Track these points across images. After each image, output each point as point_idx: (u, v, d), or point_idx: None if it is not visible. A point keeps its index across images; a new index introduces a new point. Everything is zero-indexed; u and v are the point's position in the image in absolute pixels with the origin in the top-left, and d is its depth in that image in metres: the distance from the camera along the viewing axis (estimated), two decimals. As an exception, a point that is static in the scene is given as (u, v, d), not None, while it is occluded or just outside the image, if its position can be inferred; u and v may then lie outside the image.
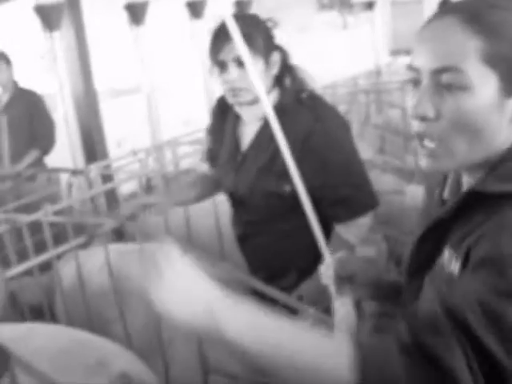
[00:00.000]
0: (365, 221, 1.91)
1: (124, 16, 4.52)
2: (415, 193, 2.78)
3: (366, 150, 3.58)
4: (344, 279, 1.23)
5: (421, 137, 0.93)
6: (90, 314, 2.11)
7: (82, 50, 4.15)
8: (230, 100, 1.90)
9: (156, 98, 4.80)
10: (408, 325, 0.82)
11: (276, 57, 1.88)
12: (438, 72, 0.89)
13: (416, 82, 0.93)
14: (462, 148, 0.90)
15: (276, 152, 1.84)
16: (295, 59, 2.00)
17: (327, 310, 1.81)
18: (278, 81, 1.90)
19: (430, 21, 0.93)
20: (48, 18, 3.73)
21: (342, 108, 4.79)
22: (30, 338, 1.75)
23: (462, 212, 0.94)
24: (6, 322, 2.00)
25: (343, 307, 1.21)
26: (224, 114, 2.09)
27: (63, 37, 3.92)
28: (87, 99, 4.20)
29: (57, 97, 4.14)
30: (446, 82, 0.89)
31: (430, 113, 0.90)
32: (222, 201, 2.40)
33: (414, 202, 2.77)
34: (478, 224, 0.88)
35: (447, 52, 0.88)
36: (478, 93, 0.88)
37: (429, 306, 0.84)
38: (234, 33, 1.21)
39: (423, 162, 0.96)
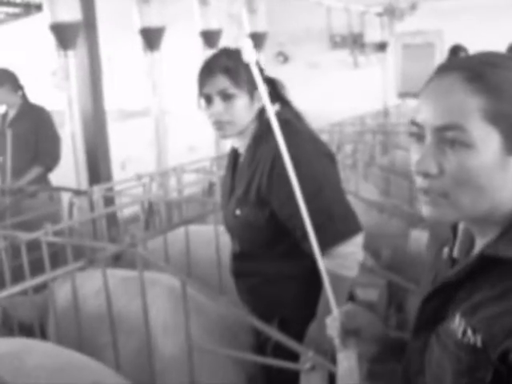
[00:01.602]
0: (347, 249, 1.80)
1: (139, 40, 4.53)
2: (419, 238, 2.75)
3: (370, 192, 3.56)
4: (350, 332, 1.20)
5: (424, 191, 0.94)
6: (81, 337, 2.08)
7: (95, 70, 4.15)
8: (217, 133, 1.92)
9: (164, 122, 4.80)
10: None
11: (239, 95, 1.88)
12: (440, 129, 0.90)
13: (419, 137, 0.94)
14: (465, 202, 0.91)
15: (250, 182, 1.86)
16: (304, 95, 2.00)
17: (327, 354, 1.78)
18: (261, 113, 1.90)
19: (433, 78, 0.95)
20: (63, 36, 3.74)
21: (347, 147, 4.80)
22: (26, 354, 1.73)
23: (472, 275, 0.93)
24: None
25: (347, 361, 1.17)
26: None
27: (77, 55, 3.93)
28: (95, 119, 4.19)
29: (65, 114, 4.13)
30: (448, 139, 0.90)
31: (433, 169, 0.91)
32: (224, 232, 2.37)
33: (417, 247, 2.75)
34: (497, 294, 0.88)
35: (449, 110, 0.90)
36: (481, 150, 0.88)
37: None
38: (252, 66, 1.20)
39: (425, 211, 0.95)
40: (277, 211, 1.83)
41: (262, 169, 1.83)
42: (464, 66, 0.92)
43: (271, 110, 1.28)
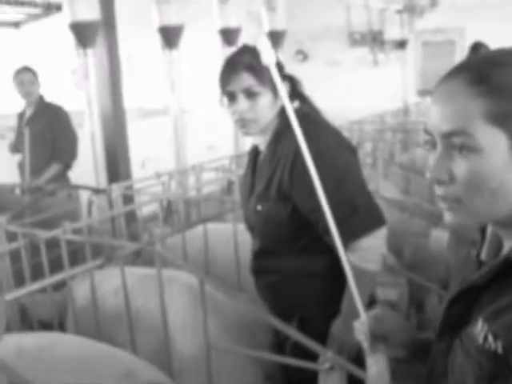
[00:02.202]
0: (370, 243, 1.78)
1: (158, 38, 4.54)
2: (440, 237, 2.72)
3: (390, 190, 3.53)
4: (378, 337, 1.19)
5: (441, 198, 0.93)
6: (100, 335, 2.08)
7: (114, 69, 4.17)
8: (240, 130, 1.91)
9: (183, 121, 4.80)
10: None
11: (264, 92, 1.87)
12: (447, 135, 0.89)
13: (433, 144, 0.94)
14: (479, 206, 0.90)
15: (271, 177, 1.85)
16: (324, 93, 1.99)
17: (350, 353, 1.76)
18: (283, 110, 1.88)
19: (443, 80, 0.93)
20: (82, 34, 3.75)
21: (367, 145, 4.77)
22: (55, 347, 1.75)
23: (497, 279, 0.91)
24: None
25: (376, 365, 1.17)
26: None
27: (96, 54, 3.94)
28: (115, 118, 4.21)
29: (85, 114, 4.15)
30: (456, 144, 0.89)
31: (444, 176, 0.90)
32: (242, 230, 2.36)
33: (438, 246, 2.72)
34: None
35: (454, 115, 0.88)
36: (489, 154, 0.87)
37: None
38: (271, 66, 1.19)
39: (446, 217, 0.94)
40: (299, 205, 1.81)
41: (283, 164, 1.82)
42: (470, 68, 0.90)
43: (290, 109, 1.26)
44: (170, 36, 4.43)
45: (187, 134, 4.90)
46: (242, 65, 1.82)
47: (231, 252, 2.56)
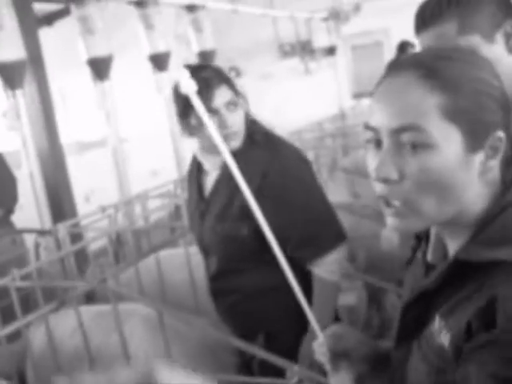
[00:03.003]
0: (335, 256, 1.84)
1: (88, 71, 4.49)
2: (390, 237, 2.76)
3: (338, 194, 3.57)
4: (339, 355, 1.15)
5: (385, 199, 0.88)
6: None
7: (46, 107, 4.09)
8: (225, 146, 1.86)
9: (123, 150, 4.76)
10: None
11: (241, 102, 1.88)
12: (397, 131, 0.85)
13: (376, 142, 0.89)
14: (429, 207, 0.86)
15: (232, 196, 1.84)
16: (260, 106, 2.01)
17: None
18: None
19: (385, 77, 0.90)
20: (10, 76, 3.68)
21: (309, 154, 4.81)
22: None
23: (449, 280, 0.89)
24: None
25: None
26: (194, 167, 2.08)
27: (26, 94, 3.86)
28: (53, 155, 4.12)
29: (21, 154, 4.06)
30: (407, 141, 0.85)
31: (393, 175, 0.85)
32: (195, 253, 2.34)
33: (389, 246, 2.76)
34: (468, 295, 0.84)
35: (406, 110, 0.85)
36: (442, 150, 0.84)
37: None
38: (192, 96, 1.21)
39: (390, 222, 0.90)
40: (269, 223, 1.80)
41: (249, 181, 1.78)
42: (417, 63, 0.87)
43: (218, 138, 1.27)
44: (99, 67, 4.39)
45: (129, 163, 4.85)
46: (216, 79, 1.80)
47: (187, 276, 2.54)
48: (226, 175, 1.90)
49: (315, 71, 8.91)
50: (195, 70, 1.83)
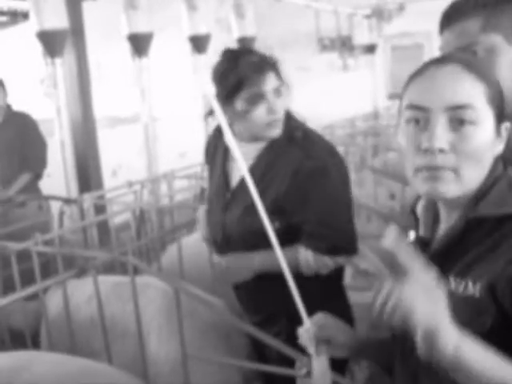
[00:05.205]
0: (330, 262, 1.84)
1: (127, 46, 4.52)
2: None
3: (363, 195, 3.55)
4: (321, 341, 1.29)
5: (431, 168, 1.02)
6: (75, 344, 2.06)
7: (83, 78, 4.13)
8: (267, 134, 1.86)
9: (154, 128, 4.78)
10: None
11: (286, 91, 1.88)
12: (453, 108, 1.02)
13: (417, 121, 1.05)
14: (469, 175, 1.03)
15: (265, 189, 1.82)
16: (295, 98, 2.00)
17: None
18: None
19: (428, 67, 1.07)
20: (50, 44, 3.72)
21: (339, 149, 4.78)
22: (33, 365, 1.70)
23: (457, 242, 1.06)
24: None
25: (320, 366, 1.28)
26: (216, 150, 2.07)
27: (65, 63, 3.90)
28: (85, 127, 4.16)
29: (54, 123, 4.10)
30: (458, 117, 1.01)
31: (446, 145, 1.01)
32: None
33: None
34: (489, 248, 1.00)
35: (461, 92, 1.02)
36: (483, 127, 1.03)
37: None
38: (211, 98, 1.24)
39: (425, 187, 1.04)
40: (289, 217, 1.84)
41: (281, 179, 1.82)
42: (457, 59, 1.06)
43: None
44: (139, 44, 4.41)
45: (158, 142, 4.88)
46: (266, 65, 1.82)
47: (206, 259, 2.55)
48: (260, 167, 1.90)
49: (353, 68, 8.84)
50: (243, 54, 1.86)
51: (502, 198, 1.04)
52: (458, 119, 1.01)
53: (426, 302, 0.85)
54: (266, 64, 1.82)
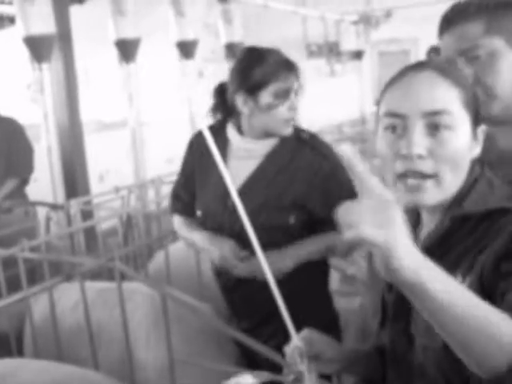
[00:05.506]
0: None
1: (115, 52, 4.51)
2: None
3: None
4: (310, 357, 1.24)
5: (413, 174, 1.03)
6: (61, 350, 2.04)
7: (70, 83, 4.11)
8: (282, 131, 1.92)
9: (141, 133, 4.77)
10: None
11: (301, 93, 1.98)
12: (430, 114, 1.02)
13: (395, 128, 1.05)
14: (451, 182, 1.04)
15: (283, 189, 1.91)
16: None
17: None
18: None
19: (405, 74, 1.08)
20: (37, 49, 3.70)
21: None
22: (20, 372, 1.70)
23: (440, 241, 1.07)
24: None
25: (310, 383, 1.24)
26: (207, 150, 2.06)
27: (52, 68, 3.89)
28: (72, 132, 4.14)
29: (41, 128, 4.08)
30: (436, 123, 1.02)
31: (424, 151, 1.02)
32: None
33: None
34: (473, 244, 1.01)
35: (437, 97, 1.03)
36: (460, 131, 1.04)
37: None
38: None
39: (406, 197, 1.04)
40: (311, 214, 1.92)
41: (300, 178, 1.90)
42: (433, 65, 1.07)
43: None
44: (126, 49, 4.41)
45: (146, 147, 4.87)
46: (293, 65, 1.91)
47: (193, 264, 2.54)
48: (274, 165, 1.94)
49: (340, 74, 8.88)
50: (269, 52, 1.93)
51: (484, 196, 1.06)
52: (435, 125, 1.03)
53: (376, 221, 0.78)
54: (292, 63, 1.91)
